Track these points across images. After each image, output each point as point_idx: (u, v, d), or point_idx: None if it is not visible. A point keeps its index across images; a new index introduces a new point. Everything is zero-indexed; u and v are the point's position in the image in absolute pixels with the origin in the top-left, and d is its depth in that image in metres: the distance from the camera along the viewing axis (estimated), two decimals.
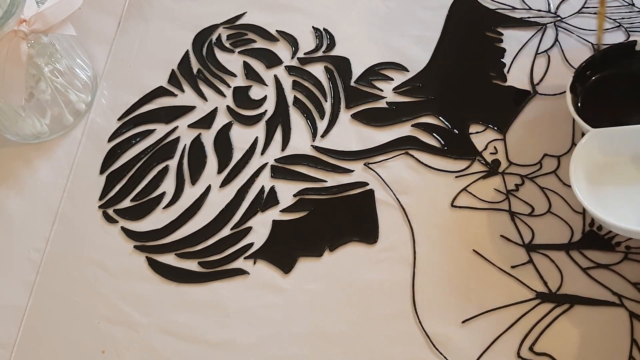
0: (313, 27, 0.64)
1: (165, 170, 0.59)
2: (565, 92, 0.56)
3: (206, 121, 0.60)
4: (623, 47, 0.54)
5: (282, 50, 0.64)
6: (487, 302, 0.50)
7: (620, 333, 0.48)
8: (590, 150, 0.50)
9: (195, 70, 0.63)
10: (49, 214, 0.57)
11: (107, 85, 0.63)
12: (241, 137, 0.59)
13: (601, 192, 0.49)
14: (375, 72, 0.61)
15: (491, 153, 0.56)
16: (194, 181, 0.58)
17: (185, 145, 0.60)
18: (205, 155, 0.59)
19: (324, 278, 0.52)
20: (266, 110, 0.60)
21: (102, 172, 0.59)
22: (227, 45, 0.64)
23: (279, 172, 0.57)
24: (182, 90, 0.62)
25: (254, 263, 0.54)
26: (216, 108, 0.61)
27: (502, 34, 0.62)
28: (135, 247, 0.55)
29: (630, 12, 0.61)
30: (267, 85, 0.62)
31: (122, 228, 0.56)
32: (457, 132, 0.57)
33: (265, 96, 0.61)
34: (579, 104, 0.53)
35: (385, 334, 0.50)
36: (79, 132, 0.61)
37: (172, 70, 0.64)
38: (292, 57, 0.63)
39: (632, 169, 0.50)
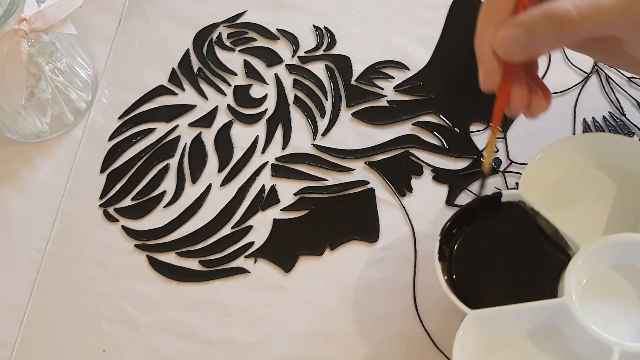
0: (313, 25, 0.64)
1: (165, 169, 0.59)
2: (565, 90, 0.57)
3: (207, 120, 0.60)
4: (488, 200, 0.48)
5: (282, 48, 0.63)
6: None
7: None
8: (475, 333, 0.43)
9: (195, 69, 0.63)
10: (50, 212, 0.57)
11: (107, 84, 0.63)
12: (242, 136, 0.59)
13: None
14: (376, 70, 0.61)
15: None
16: (194, 180, 0.58)
17: (185, 144, 0.59)
18: (206, 154, 0.59)
19: (324, 277, 0.52)
20: (267, 109, 0.60)
21: (102, 170, 0.59)
22: (228, 43, 0.64)
23: (279, 170, 0.57)
24: (183, 89, 0.62)
25: (255, 262, 0.54)
26: (217, 107, 0.61)
27: None
28: (135, 245, 0.55)
29: None
30: (267, 84, 0.62)
31: (123, 227, 0.56)
32: (458, 130, 0.57)
33: (266, 95, 0.61)
34: (453, 275, 0.46)
35: (386, 332, 0.50)
36: (80, 131, 0.61)
37: (173, 69, 0.63)
38: (293, 56, 0.63)
39: (529, 345, 0.43)
